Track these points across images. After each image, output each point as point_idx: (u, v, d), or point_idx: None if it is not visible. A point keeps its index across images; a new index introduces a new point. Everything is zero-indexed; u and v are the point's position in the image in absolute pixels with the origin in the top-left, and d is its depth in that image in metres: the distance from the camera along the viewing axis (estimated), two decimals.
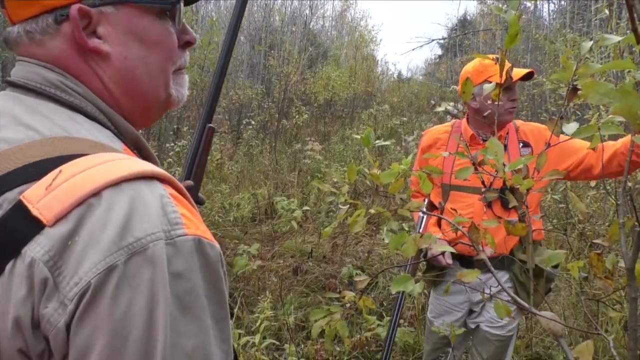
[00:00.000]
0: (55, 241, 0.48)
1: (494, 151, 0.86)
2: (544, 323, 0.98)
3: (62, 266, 0.47)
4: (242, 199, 5.71)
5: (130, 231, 0.49)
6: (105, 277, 0.47)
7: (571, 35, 7.02)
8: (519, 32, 0.90)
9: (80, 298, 0.47)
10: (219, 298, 0.55)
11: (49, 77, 0.62)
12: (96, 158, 0.53)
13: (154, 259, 0.49)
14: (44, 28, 0.62)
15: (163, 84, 0.71)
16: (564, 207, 4.66)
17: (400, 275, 0.98)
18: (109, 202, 0.50)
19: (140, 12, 0.66)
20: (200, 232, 0.54)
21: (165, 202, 0.53)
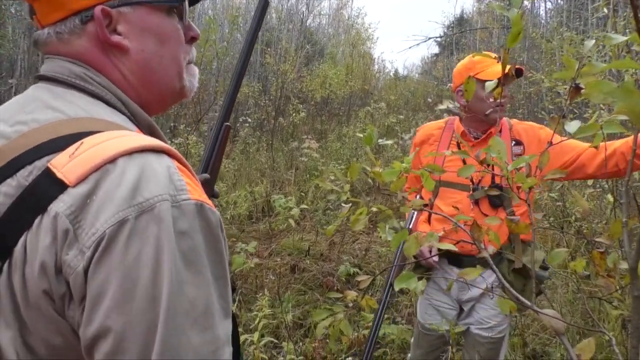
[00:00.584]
0: (76, 199, 0.56)
1: (497, 149, 0.86)
2: (546, 321, 0.98)
3: (81, 220, 0.56)
4: (239, 197, 5.70)
5: (140, 192, 0.57)
6: (118, 228, 0.55)
7: (568, 33, 7.03)
8: (522, 31, 0.89)
9: (97, 246, 0.55)
10: (219, 258, 0.61)
11: (74, 70, 0.71)
12: (113, 133, 0.62)
13: (161, 217, 0.56)
14: (72, 29, 0.71)
15: (177, 75, 0.80)
16: (561, 205, 4.67)
17: (403, 273, 0.98)
18: (122, 168, 0.58)
19: (153, 10, 0.75)
20: (203, 199, 0.61)
21: (172, 172, 0.60)
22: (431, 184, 1.03)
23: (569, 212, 4.59)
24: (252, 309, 3.19)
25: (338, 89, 12.77)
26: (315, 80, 12.51)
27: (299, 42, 13.68)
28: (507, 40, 0.95)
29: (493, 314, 2.03)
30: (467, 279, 0.96)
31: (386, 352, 3.00)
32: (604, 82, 0.77)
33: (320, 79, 12.54)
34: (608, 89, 0.77)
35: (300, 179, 6.70)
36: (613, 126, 0.93)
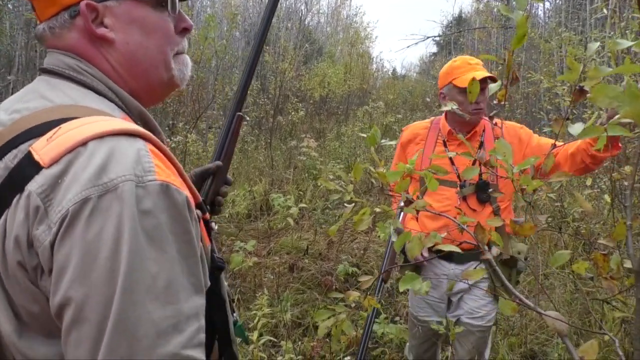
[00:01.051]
0: (48, 179, 0.61)
1: (502, 152, 0.87)
2: (549, 322, 0.99)
3: (52, 198, 0.60)
4: (237, 195, 5.70)
5: (106, 173, 0.60)
6: (81, 206, 0.59)
7: (567, 34, 7.05)
8: (527, 33, 0.90)
9: (61, 222, 0.59)
10: (186, 237, 0.64)
11: (67, 62, 0.76)
12: (90, 118, 0.67)
13: (124, 196, 0.59)
14: (62, 23, 0.76)
15: (163, 65, 0.82)
16: (559, 206, 4.68)
17: (407, 274, 0.98)
18: (92, 150, 0.62)
19: (138, 3, 0.79)
20: (170, 180, 0.64)
21: (142, 154, 0.63)
22: (435, 185, 1.03)
23: (567, 212, 4.60)
24: (251, 308, 3.19)
25: (336, 87, 12.78)
26: (313, 79, 12.52)
27: (297, 41, 13.67)
28: (512, 43, 0.95)
29: (482, 304, 2.13)
30: (470, 280, 0.96)
31: (384, 351, 3.01)
32: (609, 86, 0.77)
33: (319, 77, 12.54)
34: (613, 94, 0.77)
35: (299, 177, 6.70)
36: (617, 129, 0.93)
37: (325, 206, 5.53)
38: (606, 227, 4.08)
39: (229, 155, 1.16)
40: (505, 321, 3.28)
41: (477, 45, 14.84)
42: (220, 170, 1.15)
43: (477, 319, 2.12)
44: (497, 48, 12.64)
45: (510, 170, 0.86)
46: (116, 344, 0.57)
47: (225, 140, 1.15)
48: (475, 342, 2.15)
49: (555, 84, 4.88)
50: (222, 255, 4.22)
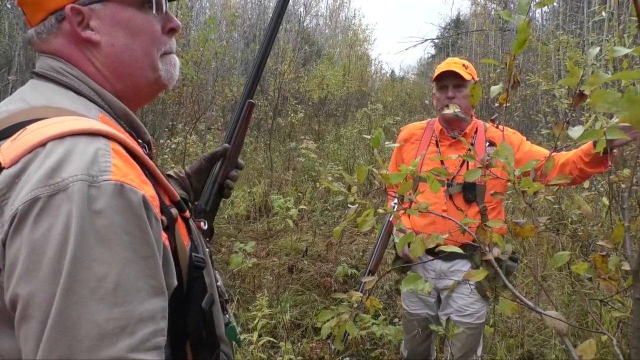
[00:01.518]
0: (6, 179, 0.62)
1: (504, 154, 0.88)
2: (549, 322, 1.00)
3: (8, 198, 0.61)
4: (236, 196, 5.71)
5: (58, 173, 0.60)
6: (30, 205, 0.59)
7: (564, 37, 7.08)
8: (528, 38, 0.91)
9: (12, 221, 0.60)
10: (144, 237, 0.63)
11: (53, 65, 0.78)
12: (54, 119, 0.67)
13: (73, 196, 0.59)
14: (49, 28, 0.78)
15: (149, 66, 0.83)
16: (557, 208, 4.71)
17: (410, 274, 1.00)
18: (49, 151, 0.62)
19: (123, 5, 0.80)
20: (126, 180, 0.63)
21: (100, 154, 0.63)
22: (437, 186, 1.05)
23: (565, 214, 4.62)
24: (251, 309, 3.20)
25: (335, 89, 12.80)
26: (312, 81, 12.53)
27: (296, 43, 13.69)
28: (513, 47, 0.97)
29: (471, 302, 2.17)
30: (473, 280, 0.98)
31: (383, 352, 3.02)
32: (608, 91, 0.79)
33: (318, 79, 12.56)
34: (612, 99, 0.79)
35: (298, 179, 6.71)
36: (615, 132, 0.95)
37: (325, 208, 5.55)
38: (604, 229, 4.11)
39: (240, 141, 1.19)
40: (503, 323, 3.30)
41: (475, 47, 14.88)
42: (229, 154, 1.17)
43: (467, 316, 2.17)
44: (495, 50, 12.68)
45: (512, 173, 0.87)
46: (55, 342, 0.57)
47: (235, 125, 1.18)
48: (465, 340, 2.18)
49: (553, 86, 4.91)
50: (222, 256, 4.24)
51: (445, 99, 2.14)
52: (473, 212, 2.11)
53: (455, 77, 2.10)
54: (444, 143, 2.22)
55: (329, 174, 5.82)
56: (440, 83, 2.17)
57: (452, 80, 2.12)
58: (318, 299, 3.70)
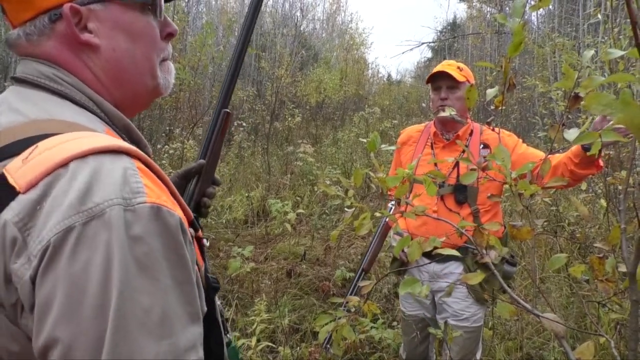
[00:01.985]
0: (25, 206, 0.54)
1: (501, 157, 0.89)
2: (547, 324, 1.00)
3: (31, 227, 0.54)
4: (234, 201, 5.70)
5: (90, 197, 0.54)
6: (64, 236, 0.53)
7: (560, 39, 7.11)
8: (523, 41, 0.92)
9: (43, 254, 0.53)
10: (181, 262, 0.59)
11: (43, 71, 0.70)
12: (69, 135, 0.60)
13: (111, 222, 0.54)
14: (41, 29, 0.70)
15: (149, 73, 0.78)
16: (555, 210, 4.72)
17: (407, 278, 1.00)
18: (73, 172, 0.56)
19: (125, 7, 0.74)
20: (161, 201, 0.58)
21: (129, 174, 0.58)
22: (434, 189, 1.05)
23: (563, 216, 4.63)
24: (249, 314, 3.19)
25: (333, 93, 12.83)
26: (310, 85, 12.56)
27: (293, 47, 13.71)
28: (509, 50, 0.97)
29: (466, 305, 2.18)
30: (470, 283, 0.98)
31: (382, 356, 3.02)
32: (602, 94, 0.79)
33: (315, 83, 12.59)
34: (606, 101, 0.80)
35: (296, 183, 6.71)
36: (611, 134, 0.95)
37: (323, 211, 5.55)
38: (602, 231, 4.12)
39: (216, 154, 1.10)
40: (502, 325, 3.30)
41: (472, 50, 14.93)
42: (205, 169, 1.09)
43: (463, 320, 2.18)
44: (491, 53, 12.73)
45: (508, 175, 0.88)
46: None
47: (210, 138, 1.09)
48: (463, 343, 2.19)
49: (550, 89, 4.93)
50: (220, 261, 4.23)
51: (439, 100, 2.16)
52: (464, 214, 2.13)
53: (449, 78, 2.11)
54: (437, 145, 2.25)
55: (326, 178, 5.82)
56: (435, 84, 2.20)
57: (445, 82, 2.14)
58: (316, 303, 3.70)
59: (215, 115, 1.09)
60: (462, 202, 2.13)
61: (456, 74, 2.10)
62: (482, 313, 2.22)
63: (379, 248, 2.34)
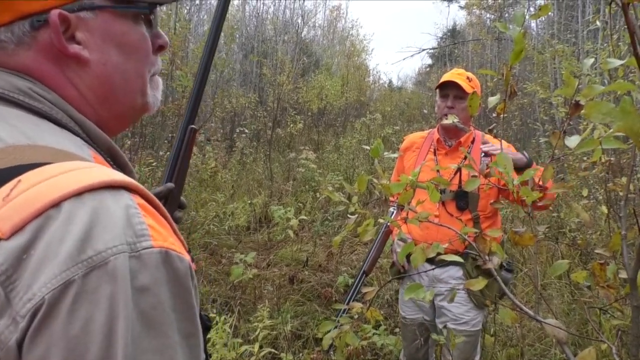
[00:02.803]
0: (9, 254, 0.45)
1: (503, 164, 0.90)
2: (549, 330, 1.01)
3: (15, 281, 0.44)
4: (237, 207, 5.72)
5: (90, 244, 0.46)
6: (61, 292, 0.44)
7: (560, 46, 7.14)
8: (524, 49, 0.93)
9: (34, 315, 0.44)
10: (189, 313, 0.53)
11: (17, 84, 0.60)
12: (58, 167, 0.51)
13: (115, 273, 0.46)
14: (20, 37, 0.60)
15: (140, 90, 0.71)
16: (556, 217, 4.72)
17: (411, 284, 1.01)
18: (68, 214, 0.47)
19: (118, 17, 0.65)
20: (168, 244, 0.51)
21: (131, 213, 0.50)
22: (437, 196, 1.06)
23: (564, 223, 4.64)
24: (252, 320, 3.20)
25: (334, 100, 12.87)
26: (311, 91, 12.61)
27: (294, 54, 13.78)
28: (510, 58, 0.99)
29: (465, 310, 2.20)
30: (472, 289, 0.99)
31: None
32: (602, 102, 0.80)
33: (317, 90, 12.64)
34: (606, 109, 0.81)
35: (298, 189, 6.73)
36: (611, 142, 0.97)
37: (325, 218, 5.56)
38: (603, 237, 4.12)
39: (183, 175, 1.02)
40: (504, 332, 3.30)
41: (472, 57, 14.99)
42: (172, 193, 1.00)
43: (462, 324, 2.20)
44: (492, 60, 12.78)
45: (510, 182, 0.89)
46: None
47: (177, 158, 1.01)
48: (463, 347, 2.21)
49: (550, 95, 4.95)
50: (222, 267, 4.24)
51: (445, 108, 2.19)
52: (465, 220, 2.15)
53: (457, 88, 2.15)
54: (440, 151, 2.28)
55: (329, 184, 5.84)
56: (443, 92, 2.23)
57: (453, 91, 2.17)
58: (319, 309, 3.70)
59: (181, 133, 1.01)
60: (463, 208, 2.15)
61: (465, 85, 2.13)
62: (480, 317, 2.24)
63: (380, 252, 2.37)
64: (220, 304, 3.65)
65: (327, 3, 28.04)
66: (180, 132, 1.02)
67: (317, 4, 27.99)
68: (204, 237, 4.85)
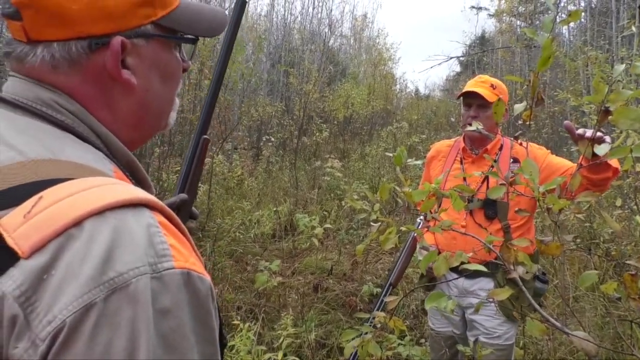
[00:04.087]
0: (28, 275, 0.44)
1: (529, 171, 0.88)
2: (577, 343, 0.98)
3: (35, 302, 0.44)
4: (262, 215, 5.75)
5: (111, 265, 0.45)
6: (82, 316, 0.43)
7: (593, 52, 6.98)
8: (552, 55, 0.92)
9: (54, 338, 0.43)
10: (209, 335, 0.52)
11: (41, 96, 0.59)
12: (80, 183, 0.50)
13: (137, 295, 0.45)
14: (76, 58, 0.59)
15: (167, 113, 0.72)
16: (588, 227, 4.59)
17: (432, 293, 0.99)
18: (90, 233, 0.46)
19: (165, 45, 0.67)
20: (190, 265, 0.50)
21: (152, 232, 0.49)
22: (460, 204, 1.04)
23: (597, 233, 4.50)
24: (276, 328, 3.20)
25: (360, 108, 12.87)
26: (337, 100, 12.64)
27: (321, 63, 13.85)
28: (537, 65, 0.97)
29: (497, 323, 2.14)
30: (497, 298, 0.97)
31: None
32: (630, 109, 0.78)
33: (343, 98, 12.66)
34: (635, 115, 0.79)
35: (323, 198, 6.73)
36: None
37: (350, 226, 5.54)
38: (638, 249, 3.99)
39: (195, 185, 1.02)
40: (534, 345, 3.21)
41: (501, 64, 14.79)
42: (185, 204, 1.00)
43: (495, 338, 2.15)
44: (521, 67, 12.59)
45: (536, 190, 0.87)
46: None
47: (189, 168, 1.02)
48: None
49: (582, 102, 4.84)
50: (247, 275, 4.26)
51: (468, 117, 2.16)
52: (494, 229, 2.10)
53: (480, 97, 2.11)
54: (467, 160, 2.25)
55: (354, 193, 5.82)
56: (465, 101, 2.20)
57: (476, 100, 2.14)
58: (343, 318, 3.68)
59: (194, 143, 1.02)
60: (491, 218, 2.10)
61: (487, 94, 2.09)
62: (514, 331, 2.18)
63: (407, 263, 2.32)
64: (245, 311, 3.66)
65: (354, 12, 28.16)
66: (193, 142, 1.02)
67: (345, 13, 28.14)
68: (230, 244, 4.89)
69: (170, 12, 0.66)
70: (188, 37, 0.70)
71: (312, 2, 15.85)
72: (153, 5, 0.63)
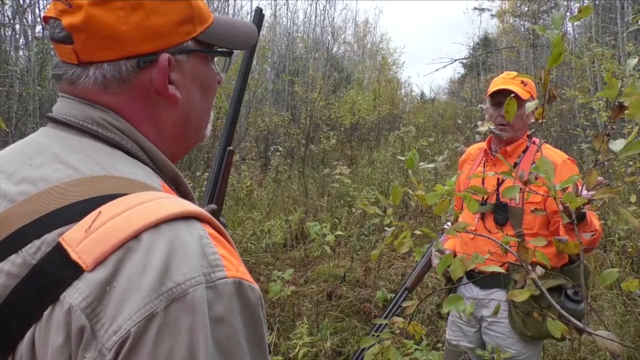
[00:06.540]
0: (93, 287, 0.47)
1: (544, 170, 0.87)
2: (600, 342, 0.96)
3: (100, 313, 0.46)
4: (273, 225, 5.75)
5: (169, 276, 0.48)
6: (146, 325, 0.46)
7: (599, 49, 6.94)
8: (563, 52, 0.91)
9: (120, 347, 0.46)
10: (260, 342, 0.54)
11: (91, 115, 0.62)
12: (135, 198, 0.53)
13: (194, 305, 0.48)
14: (126, 77, 0.61)
15: (205, 126, 0.75)
16: (603, 224, 4.53)
17: (450, 296, 0.98)
18: (148, 246, 0.49)
19: (203, 60, 0.69)
20: (240, 274, 0.53)
21: (204, 243, 0.52)
22: (475, 206, 1.03)
23: (612, 231, 4.45)
24: (291, 337, 3.18)
25: (366, 114, 12.87)
26: (343, 107, 12.66)
27: (325, 70, 13.89)
28: (548, 62, 0.96)
29: (510, 343, 2.00)
30: (515, 300, 0.95)
31: None
32: None
33: (349, 105, 12.67)
34: None
35: (333, 205, 6.72)
36: None
37: (361, 233, 5.52)
38: None
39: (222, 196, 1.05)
40: (553, 346, 3.17)
41: (507, 64, 14.74)
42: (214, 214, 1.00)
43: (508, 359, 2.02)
44: (527, 66, 12.52)
45: (552, 189, 0.86)
46: None
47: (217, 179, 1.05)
48: None
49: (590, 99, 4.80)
50: (260, 285, 4.25)
51: (499, 117, 2.03)
52: None
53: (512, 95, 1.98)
54: (489, 162, 2.15)
55: (364, 198, 5.80)
56: (495, 99, 2.04)
57: None
58: (358, 325, 3.65)
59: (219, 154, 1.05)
60: (502, 224, 1.98)
61: (520, 91, 1.94)
62: (531, 353, 2.00)
63: (427, 270, 2.21)
64: None
65: (355, 19, 28.26)
66: (219, 154, 1.06)
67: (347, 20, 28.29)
68: (242, 255, 4.87)
69: (208, 27, 0.68)
70: (224, 51, 0.72)
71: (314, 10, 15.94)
72: (193, 22, 0.65)
